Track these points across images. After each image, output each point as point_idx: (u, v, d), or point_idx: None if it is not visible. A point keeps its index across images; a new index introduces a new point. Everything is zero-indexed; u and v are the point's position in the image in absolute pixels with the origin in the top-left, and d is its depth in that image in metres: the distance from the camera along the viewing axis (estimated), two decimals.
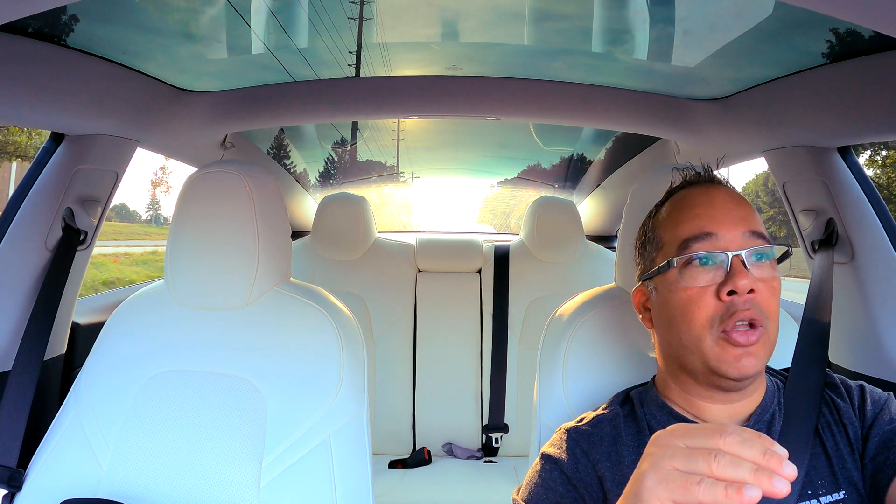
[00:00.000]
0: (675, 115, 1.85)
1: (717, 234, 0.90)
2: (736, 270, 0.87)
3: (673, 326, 0.93)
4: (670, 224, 0.97)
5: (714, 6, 1.33)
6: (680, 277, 0.91)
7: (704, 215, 0.93)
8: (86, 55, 1.41)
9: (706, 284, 0.89)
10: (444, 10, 1.48)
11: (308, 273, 2.65)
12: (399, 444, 2.58)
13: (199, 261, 1.28)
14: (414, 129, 2.74)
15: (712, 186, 0.97)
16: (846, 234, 1.53)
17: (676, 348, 0.94)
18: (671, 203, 1.00)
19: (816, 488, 0.89)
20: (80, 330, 1.79)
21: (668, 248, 0.95)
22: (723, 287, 0.88)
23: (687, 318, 0.90)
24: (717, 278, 0.89)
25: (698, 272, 0.90)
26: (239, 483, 1.16)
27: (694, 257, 0.90)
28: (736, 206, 0.93)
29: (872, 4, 0.59)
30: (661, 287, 0.96)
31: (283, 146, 2.76)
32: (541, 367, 1.29)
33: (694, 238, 0.91)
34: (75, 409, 1.26)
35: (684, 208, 0.96)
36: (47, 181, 1.58)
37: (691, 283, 0.90)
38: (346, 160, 3.17)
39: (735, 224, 0.91)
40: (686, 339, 0.91)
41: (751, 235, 0.90)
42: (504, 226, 4.42)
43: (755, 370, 0.87)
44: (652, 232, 1.01)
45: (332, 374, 1.24)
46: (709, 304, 0.89)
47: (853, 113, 1.37)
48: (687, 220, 0.94)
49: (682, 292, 0.91)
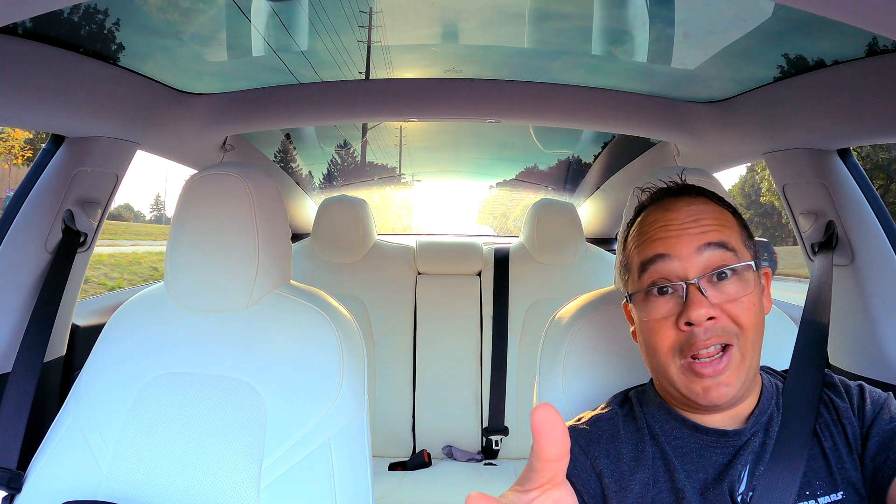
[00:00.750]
0: (675, 117, 1.85)
1: (671, 255, 0.90)
2: (692, 301, 0.87)
3: (646, 350, 0.96)
4: (634, 246, 0.98)
5: (714, 8, 1.33)
6: (644, 306, 0.93)
7: (658, 237, 0.93)
8: (86, 57, 1.41)
9: (665, 315, 0.90)
10: (445, 13, 1.48)
11: (308, 275, 2.65)
12: (399, 447, 2.58)
13: (200, 263, 1.28)
14: (414, 129, 2.74)
15: (673, 202, 0.96)
16: (846, 237, 1.53)
17: (652, 370, 0.96)
18: (637, 224, 1.00)
19: (815, 489, 0.89)
20: (79, 332, 1.79)
21: (634, 273, 0.97)
22: (679, 318, 0.88)
23: (651, 347, 0.92)
24: (675, 308, 0.89)
25: (657, 303, 0.91)
26: (239, 485, 1.16)
27: (651, 288, 0.91)
28: (694, 221, 0.92)
29: (871, 7, 0.59)
30: (634, 311, 0.98)
31: (288, 150, 2.77)
32: (541, 370, 1.29)
33: (649, 261, 0.92)
34: (75, 410, 1.26)
35: (643, 231, 0.97)
36: (47, 183, 1.58)
37: (653, 313, 0.91)
38: (348, 162, 3.17)
39: (688, 242, 0.90)
40: (655, 364, 0.93)
41: (710, 249, 0.89)
42: (502, 227, 4.42)
43: (726, 398, 0.87)
44: (623, 254, 1.02)
45: (332, 376, 1.24)
46: (669, 334, 0.89)
47: (853, 115, 1.37)
48: (645, 243, 0.95)
49: (647, 322, 0.92)
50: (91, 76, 1.45)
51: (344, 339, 1.28)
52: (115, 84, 1.54)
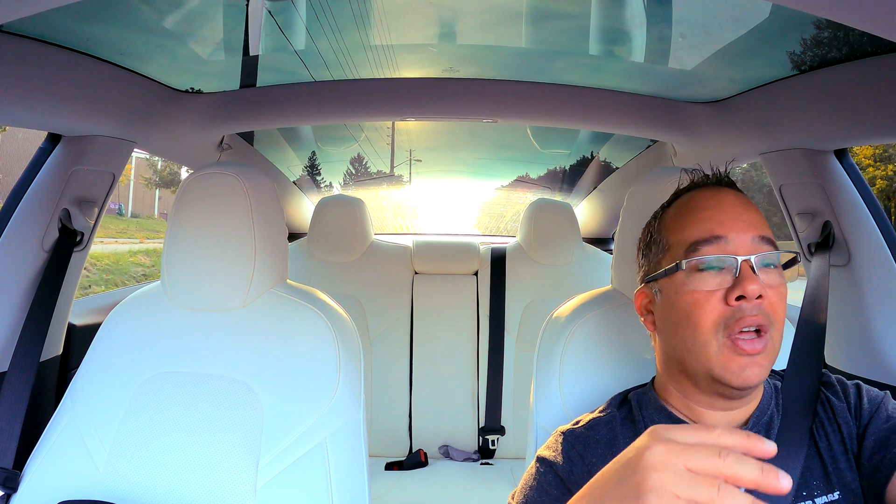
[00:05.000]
0: (672, 117, 1.85)
1: (727, 237, 0.89)
2: (745, 275, 0.86)
3: (678, 330, 0.92)
4: (677, 226, 0.96)
5: (711, 9, 1.34)
6: (687, 280, 0.90)
7: (713, 218, 0.92)
8: (83, 56, 1.41)
9: (714, 288, 0.88)
10: (442, 12, 1.48)
11: (304, 275, 2.64)
12: (395, 446, 2.58)
13: (196, 262, 1.27)
14: (414, 129, 2.74)
15: (720, 189, 0.96)
16: (843, 237, 1.53)
17: (680, 352, 0.93)
18: (678, 205, 0.99)
19: (811, 489, 0.89)
20: (76, 331, 1.79)
21: (675, 251, 0.94)
22: (731, 291, 0.86)
23: (692, 322, 0.89)
24: (725, 283, 0.88)
25: (706, 276, 0.89)
26: (235, 485, 1.16)
27: (703, 260, 0.89)
28: (745, 211, 0.92)
29: (868, 7, 0.59)
30: (666, 289, 0.95)
31: (316, 165, 2.88)
32: (537, 370, 1.29)
33: (703, 241, 0.90)
34: (71, 410, 1.26)
35: (692, 211, 0.95)
36: (44, 182, 1.57)
37: (699, 286, 0.89)
38: (360, 170, 3.22)
39: (744, 228, 0.90)
40: (691, 343, 0.90)
41: (759, 241, 0.89)
42: (497, 228, 4.43)
43: (759, 380, 0.86)
44: (658, 233, 1.00)
45: (329, 376, 1.24)
46: (716, 308, 0.87)
47: (850, 116, 1.37)
48: (695, 223, 0.93)
49: (689, 295, 0.90)
50: (88, 75, 1.45)
51: (340, 338, 1.27)
52: (113, 83, 1.54)
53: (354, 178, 3.32)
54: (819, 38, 1.27)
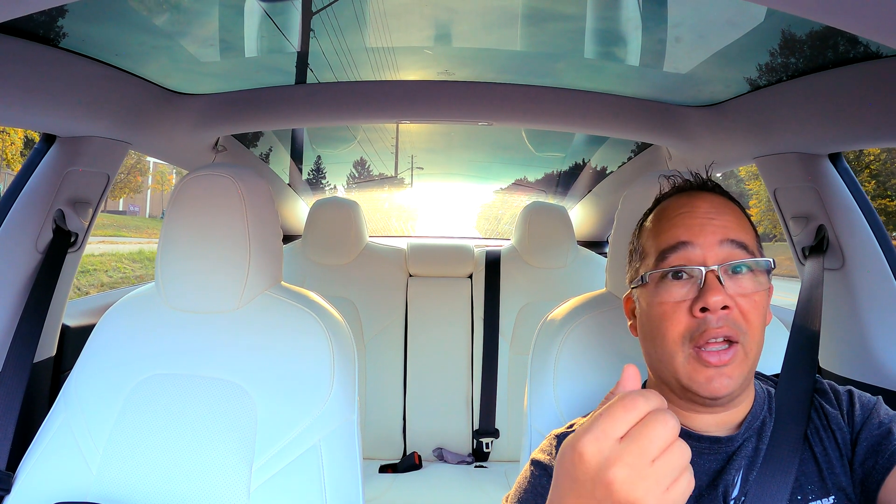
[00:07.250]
0: (667, 121, 1.86)
1: (693, 242, 0.89)
2: (709, 286, 0.86)
3: (650, 339, 0.94)
4: (652, 234, 0.96)
5: (706, 13, 1.34)
6: (656, 291, 0.91)
7: (682, 224, 0.92)
8: (78, 56, 1.41)
9: (680, 300, 0.88)
10: (438, 15, 1.48)
11: (299, 277, 2.64)
12: (389, 449, 2.58)
13: (190, 264, 1.27)
14: (414, 129, 2.74)
15: (697, 194, 0.96)
16: (837, 241, 1.54)
17: (654, 361, 0.94)
18: (656, 212, 0.99)
19: (806, 493, 0.89)
20: (69, 332, 1.78)
21: (649, 260, 0.95)
22: (695, 303, 0.86)
23: (661, 333, 0.90)
24: (690, 293, 0.88)
25: (672, 286, 0.89)
26: (229, 487, 1.16)
27: (668, 271, 0.90)
28: (718, 214, 0.92)
29: (863, 12, 0.60)
30: (641, 298, 0.96)
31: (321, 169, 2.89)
32: (532, 373, 1.29)
33: (670, 248, 0.91)
34: (65, 411, 1.26)
35: (665, 218, 0.96)
36: (38, 183, 1.57)
37: (665, 297, 0.89)
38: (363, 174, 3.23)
39: (713, 232, 0.90)
40: (661, 353, 0.91)
41: (730, 245, 0.89)
42: (493, 231, 4.44)
43: (727, 391, 0.86)
44: (637, 241, 1.01)
45: (323, 378, 1.24)
46: (682, 320, 0.88)
47: (844, 120, 1.37)
48: (665, 230, 0.93)
49: (658, 307, 0.90)
50: (83, 76, 1.45)
51: (335, 340, 1.27)
52: (108, 84, 1.53)
53: (357, 180, 3.33)
54: (814, 42, 1.27)
